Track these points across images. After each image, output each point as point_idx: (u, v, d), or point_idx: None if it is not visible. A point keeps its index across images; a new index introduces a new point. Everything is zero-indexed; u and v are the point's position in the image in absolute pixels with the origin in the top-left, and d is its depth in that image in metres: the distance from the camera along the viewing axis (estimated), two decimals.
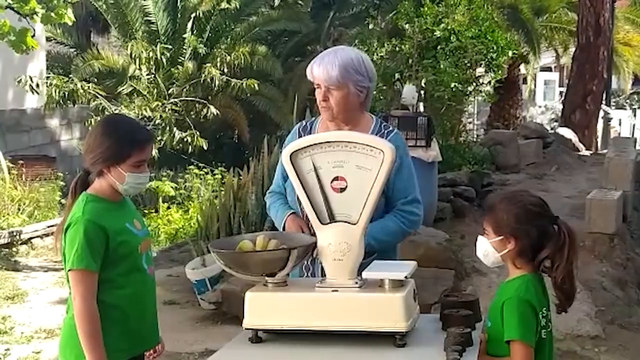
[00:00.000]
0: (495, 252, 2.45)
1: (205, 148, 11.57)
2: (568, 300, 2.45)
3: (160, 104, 12.05)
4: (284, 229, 2.93)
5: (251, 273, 2.44)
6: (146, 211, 9.70)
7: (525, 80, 19.74)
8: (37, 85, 10.37)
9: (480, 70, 9.71)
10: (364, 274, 2.38)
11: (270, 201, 3.11)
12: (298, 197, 2.58)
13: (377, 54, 9.09)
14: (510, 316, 2.34)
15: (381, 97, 9.01)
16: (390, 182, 2.84)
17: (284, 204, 3.03)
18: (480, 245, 2.50)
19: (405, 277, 2.36)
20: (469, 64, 9.14)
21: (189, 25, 14.13)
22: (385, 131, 2.98)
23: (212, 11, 14.33)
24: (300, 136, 2.92)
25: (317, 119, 3.07)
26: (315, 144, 2.46)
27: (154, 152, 10.68)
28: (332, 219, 2.44)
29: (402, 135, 3.09)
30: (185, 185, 10.99)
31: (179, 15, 14.36)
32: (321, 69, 2.86)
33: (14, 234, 8.73)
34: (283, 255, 2.38)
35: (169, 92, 12.82)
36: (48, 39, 14.64)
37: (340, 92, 2.86)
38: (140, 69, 12.64)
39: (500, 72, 9.34)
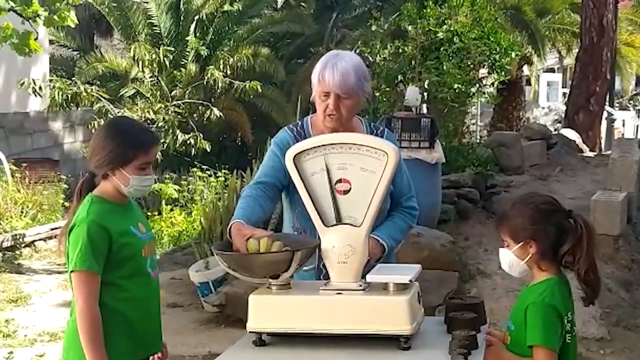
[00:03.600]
0: (519, 261, 2.42)
1: (208, 150, 11.57)
2: (594, 292, 2.43)
3: (163, 106, 12.05)
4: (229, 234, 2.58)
5: (254, 275, 2.43)
6: (149, 213, 9.69)
7: (528, 82, 19.72)
8: (40, 88, 10.37)
9: (483, 72, 9.69)
10: (368, 278, 2.37)
11: (243, 196, 2.81)
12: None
13: (380, 56, 9.08)
14: (534, 321, 2.32)
15: (384, 99, 9.00)
16: (394, 182, 2.83)
17: (244, 208, 2.71)
18: (503, 258, 2.46)
19: (410, 280, 2.35)
20: (472, 65, 9.12)
21: (192, 27, 14.14)
22: (377, 131, 2.96)
23: (215, 13, 14.34)
24: (297, 140, 2.82)
25: (305, 122, 2.98)
26: (318, 146, 2.45)
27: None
28: (336, 221, 2.43)
29: (393, 134, 3.09)
30: (189, 188, 10.98)
31: (182, 18, 14.36)
32: (337, 77, 2.74)
33: (17, 237, 8.73)
34: (286, 257, 2.36)
35: (172, 94, 12.82)
36: (51, 42, 14.66)
37: (352, 100, 2.80)
38: (143, 72, 12.64)
39: (503, 73, 9.32)
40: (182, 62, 13.65)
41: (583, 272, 2.38)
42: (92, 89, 11.33)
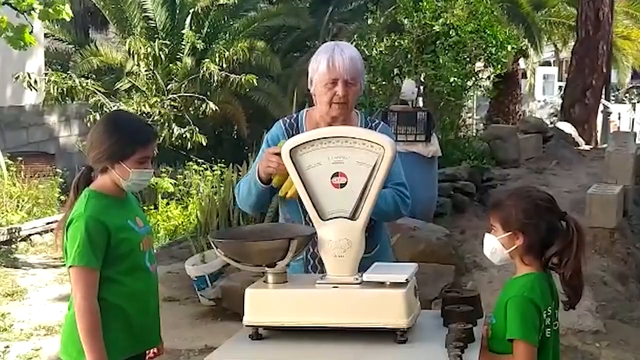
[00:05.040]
0: (503, 249, 2.42)
1: (204, 144, 11.54)
2: (576, 295, 2.44)
3: (158, 100, 12.01)
4: (259, 177, 2.77)
5: (250, 263, 2.42)
6: (145, 207, 9.67)
7: (524, 75, 19.72)
8: (35, 82, 10.33)
9: (479, 65, 9.69)
10: (365, 277, 2.36)
11: (239, 185, 2.94)
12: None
13: (377, 49, 9.06)
14: (513, 314, 2.32)
15: (380, 92, 8.99)
16: None
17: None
18: (487, 243, 2.47)
19: (407, 280, 2.34)
20: (468, 59, 9.12)
21: (188, 20, 14.10)
22: (373, 124, 2.97)
23: (211, 7, 14.30)
24: (289, 134, 2.84)
25: (300, 115, 2.99)
26: (315, 140, 2.44)
27: None
28: (332, 215, 2.42)
29: (389, 127, 3.08)
30: (185, 182, 10.97)
31: (177, 11, 14.32)
32: (347, 62, 2.77)
33: (13, 231, 8.72)
34: (283, 246, 2.36)
35: (168, 88, 12.79)
36: (46, 36, 14.62)
37: (357, 87, 2.85)
38: (138, 65, 12.60)
39: (499, 66, 9.32)
40: (178, 56, 13.61)
41: (568, 276, 2.38)
42: (87, 83, 11.28)
